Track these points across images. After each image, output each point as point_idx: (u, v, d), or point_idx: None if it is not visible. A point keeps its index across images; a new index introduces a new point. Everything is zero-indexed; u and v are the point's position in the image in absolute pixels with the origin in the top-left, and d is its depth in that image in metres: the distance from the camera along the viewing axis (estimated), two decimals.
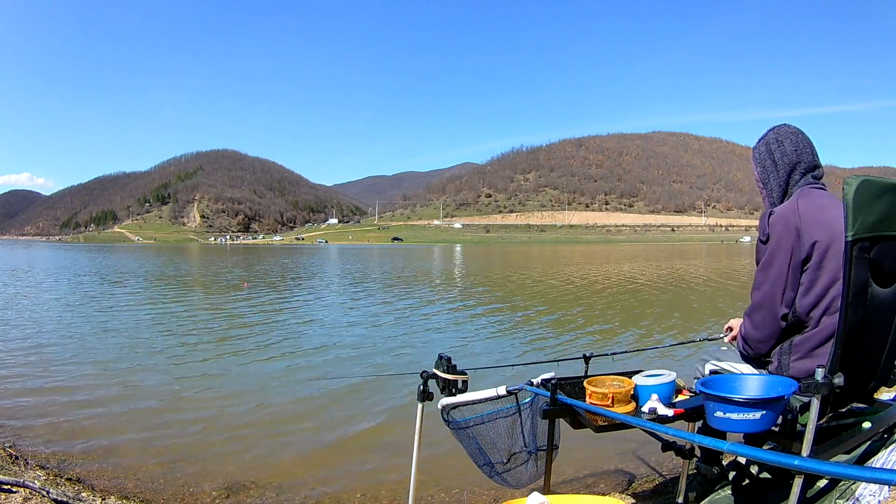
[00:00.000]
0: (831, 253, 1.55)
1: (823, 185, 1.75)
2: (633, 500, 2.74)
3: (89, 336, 8.09)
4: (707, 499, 1.98)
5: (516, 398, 2.00)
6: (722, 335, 2.10)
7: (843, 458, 1.73)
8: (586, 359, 2.33)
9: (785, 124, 1.79)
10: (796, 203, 1.63)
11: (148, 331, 8.67)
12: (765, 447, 1.61)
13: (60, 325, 9.15)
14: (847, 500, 1.58)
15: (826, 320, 1.57)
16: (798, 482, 1.40)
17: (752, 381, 1.52)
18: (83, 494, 2.90)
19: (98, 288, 16.42)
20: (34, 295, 14.11)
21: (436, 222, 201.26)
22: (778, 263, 1.60)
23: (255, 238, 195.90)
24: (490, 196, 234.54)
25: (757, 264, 1.68)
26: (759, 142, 1.83)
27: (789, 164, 1.72)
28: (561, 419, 1.89)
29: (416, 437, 2.08)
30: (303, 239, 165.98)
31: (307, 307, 12.13)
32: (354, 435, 4.10)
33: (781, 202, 1.72)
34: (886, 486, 1.46)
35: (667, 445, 2.09)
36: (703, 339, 2.85)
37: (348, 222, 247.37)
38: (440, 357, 2.07)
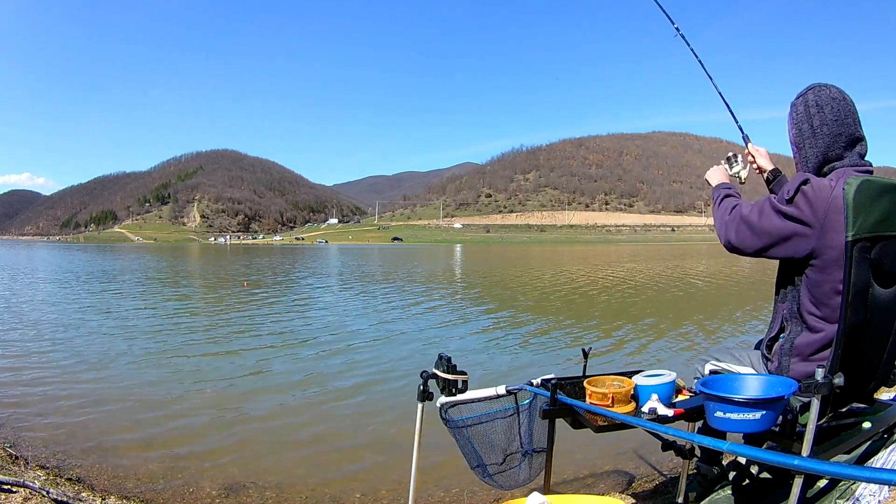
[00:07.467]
0: None
1: (870, 164, 1.57)
2: (633, 500, 2.74)
3: (90, 336, 8.09)
4: (707, 499, 1.97)
5: (515, 398, 2.00)
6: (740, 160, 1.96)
7: (843, 458, 1.73)
8: (585, 354, 2.32)
9: (827, 86, 1.57)
10: (832, 189, 1.44)
11: (148, 331, 8.67)
12: (765, 447, 1.60)
13: (61, 325, 9.14)
14: (847, 500, 1.58)
15: None
16: (798, 482, 1.40)
17: (751, 381, 1.52)
18: (83, 494, 2.90)
19: (99, 288, 16.42)
20: (33, 295, 14.11)
21: (436, 222, 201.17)
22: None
23: (255, 238, 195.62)
24: (490, 196, 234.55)
25: (761, 215, 1.53)
26: (797, 98, 1.61)
27: (829, 134, 1.53)
28: (561, 419, 1.89)
29: (416, 437, 2.08)
30: (303, 239, 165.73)
31: (307, 308, 12.14)
32: (354, 435, 4.10)
33: (816, 174, 1.55)
34: (886, 486, 1.46)
35: (667, 445, 2.09)
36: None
37: (348, 222, 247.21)
38: (440, 357, 2.06)
